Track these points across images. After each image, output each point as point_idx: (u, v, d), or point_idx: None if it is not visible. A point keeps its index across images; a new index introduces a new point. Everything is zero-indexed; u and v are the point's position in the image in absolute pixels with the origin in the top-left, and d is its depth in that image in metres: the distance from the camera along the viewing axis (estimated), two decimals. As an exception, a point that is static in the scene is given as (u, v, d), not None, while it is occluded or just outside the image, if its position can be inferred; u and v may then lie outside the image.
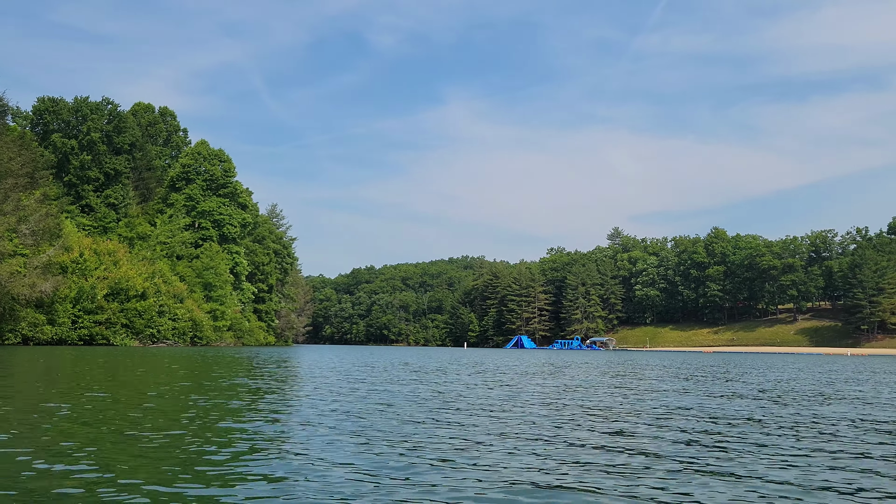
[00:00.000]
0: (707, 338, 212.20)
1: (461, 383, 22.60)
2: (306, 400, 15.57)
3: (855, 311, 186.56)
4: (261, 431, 10.38)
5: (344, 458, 8.35)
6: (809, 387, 24.56)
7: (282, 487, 6.77)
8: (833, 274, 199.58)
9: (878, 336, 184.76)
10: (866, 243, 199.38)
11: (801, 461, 8.82)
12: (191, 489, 6.61)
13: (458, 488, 6.92)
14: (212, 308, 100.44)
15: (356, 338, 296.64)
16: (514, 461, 8.43)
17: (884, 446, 10.27)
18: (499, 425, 11.67)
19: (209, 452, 8.51)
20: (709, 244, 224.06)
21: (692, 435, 10.95)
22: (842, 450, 9.82)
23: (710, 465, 8.44)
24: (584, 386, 22.69)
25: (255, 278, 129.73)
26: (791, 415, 14.40)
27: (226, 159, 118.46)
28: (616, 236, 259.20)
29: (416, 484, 7.05)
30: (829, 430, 11.93)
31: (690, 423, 12.58)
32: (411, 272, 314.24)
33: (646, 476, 7.71)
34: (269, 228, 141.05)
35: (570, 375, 30.13)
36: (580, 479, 7.46)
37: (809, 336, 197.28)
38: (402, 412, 13.27)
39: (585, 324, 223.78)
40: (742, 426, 12.22)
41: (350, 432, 10.43)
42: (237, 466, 7.71)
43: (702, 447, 9.77)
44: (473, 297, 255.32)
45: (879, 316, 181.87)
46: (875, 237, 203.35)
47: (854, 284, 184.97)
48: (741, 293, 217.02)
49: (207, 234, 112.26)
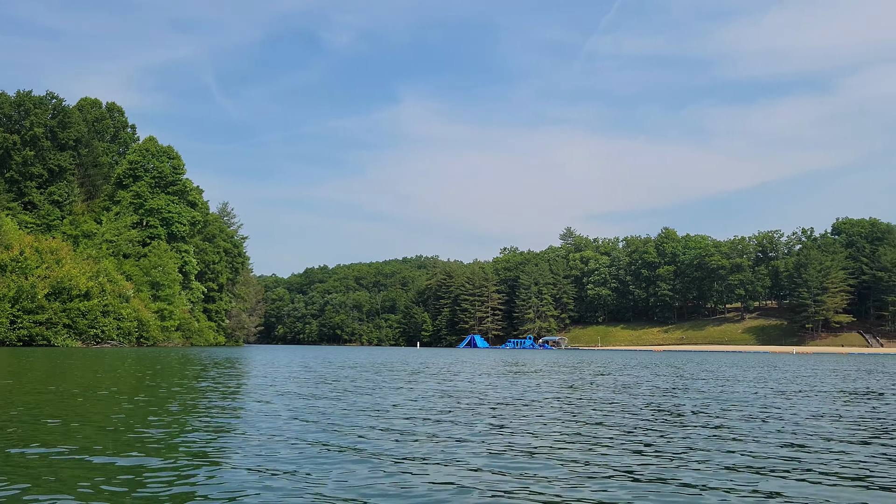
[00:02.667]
0: (657, 336, 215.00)
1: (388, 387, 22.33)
2: (216, 401, 15.19)
3: (800, 310, 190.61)
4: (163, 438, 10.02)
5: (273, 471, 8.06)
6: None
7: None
8: (779, 274, 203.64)
9: (821, 334, 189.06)
10: (811, 244, 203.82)
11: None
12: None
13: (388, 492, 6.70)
14: (159, 308, 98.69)
15: (309, 338, 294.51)
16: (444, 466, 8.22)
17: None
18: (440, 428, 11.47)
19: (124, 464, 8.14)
20: (659, 244, 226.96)
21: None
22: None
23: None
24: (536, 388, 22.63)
25: (205, 277, 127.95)
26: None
27: (175, 156, 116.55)
28: (568, 236, 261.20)
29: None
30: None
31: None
32: (365, 272, 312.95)
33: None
34: (219, 227, 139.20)
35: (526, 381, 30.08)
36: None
37: (756, 335, 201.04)
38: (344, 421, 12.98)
39: (538, 323, 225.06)
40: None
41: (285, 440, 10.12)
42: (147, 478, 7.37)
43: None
44: (427, 296, 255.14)
45: (823, 315, 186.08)
46: (819, 238, 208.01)
47: (799, 284, 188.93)
48: (690, 292, 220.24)
49: (155, 232, 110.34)
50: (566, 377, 28.56)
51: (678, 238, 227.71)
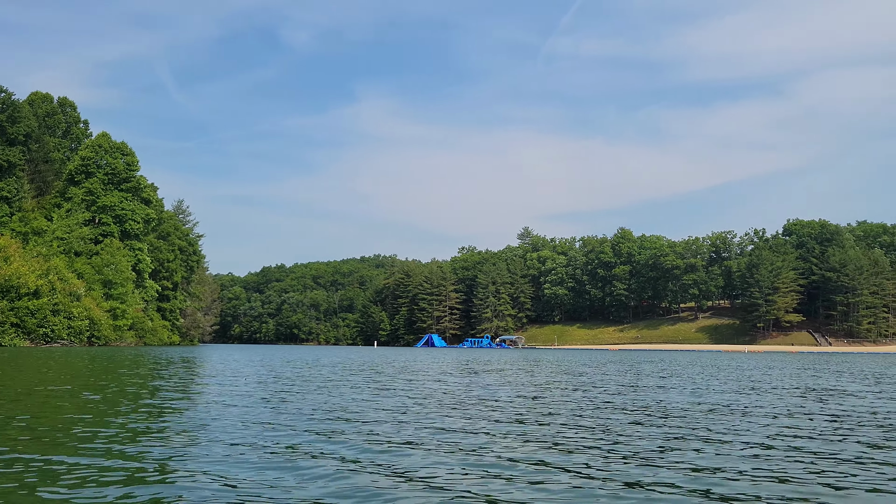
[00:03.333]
0: (613, 336, 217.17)
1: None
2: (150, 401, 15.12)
3: (752, 310, 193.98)
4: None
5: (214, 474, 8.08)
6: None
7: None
8: (732, 274, 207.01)
9: (772, 333, 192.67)
10: (763, 244, 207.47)
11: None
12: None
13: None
14: (112, 307, 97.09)
15: (266, 337, 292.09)
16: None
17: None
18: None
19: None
20: (615, 244, 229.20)
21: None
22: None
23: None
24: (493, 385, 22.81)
25: (160, 276, 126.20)
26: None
27: (128, 152, 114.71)
28: (526, 236, 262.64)
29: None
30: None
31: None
32: (323, 271, 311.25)
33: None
34: (174, 225, 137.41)
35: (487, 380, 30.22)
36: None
37: (709, 334, 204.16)
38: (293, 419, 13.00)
39: (495, 322, 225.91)
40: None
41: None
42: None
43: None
44: (385, 295, 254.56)
45: (774, 314, 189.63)
46: (771, 238, 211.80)
47: (751, 284, 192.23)
48: (646, 292, 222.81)
49: (108, 229, 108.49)
50: (525, 378, 28.78)
51: (634, 238, 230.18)
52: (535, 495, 6.66)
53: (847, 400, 18.08)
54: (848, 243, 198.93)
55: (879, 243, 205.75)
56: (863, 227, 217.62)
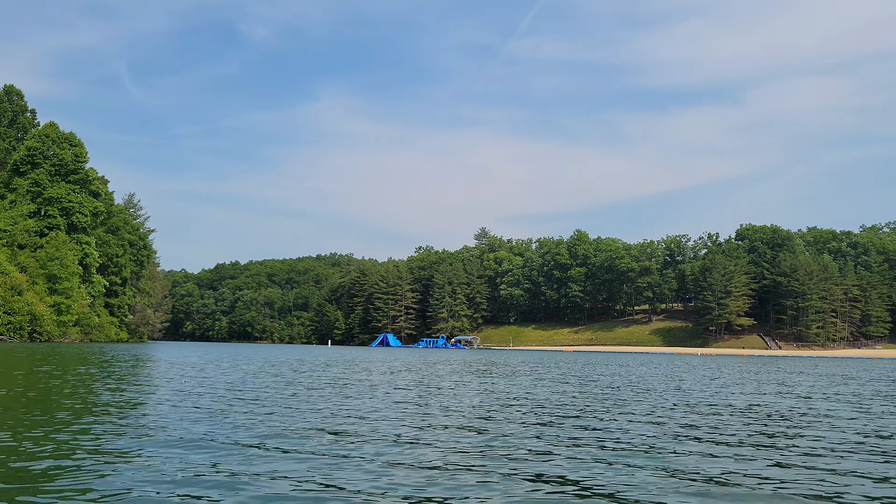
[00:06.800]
0: (568, 337, 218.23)
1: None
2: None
3: (705, 313, 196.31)
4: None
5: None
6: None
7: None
8: (686, 277, 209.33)
9: (724, 336, 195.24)
10: (716, 248, 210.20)
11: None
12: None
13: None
14: (56, 301, 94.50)
15: (219, 335, 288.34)
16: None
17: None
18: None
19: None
20: (571, 246, 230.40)
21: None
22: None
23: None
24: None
25: (108, 271, 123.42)
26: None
27: (77, 143, 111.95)
28: (483, 236, 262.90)
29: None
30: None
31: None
32: (278, 268, 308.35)
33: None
34: (124, 219, 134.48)
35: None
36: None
37: (663, 336, 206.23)
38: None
39: (451, 322, 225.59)
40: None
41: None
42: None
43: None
44: (340, 294, 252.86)
45: (726, 318, 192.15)
46: (724, 243, 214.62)
47: (704, 287, 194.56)
48: (601, 294, 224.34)
49: (54, 222, 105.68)
50: (474, 380, 28.33)
51: (590, 241, 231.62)
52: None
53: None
54: (798, 249, 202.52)
55: (829, 249, 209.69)
56: (813, 233, 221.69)
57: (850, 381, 32.97)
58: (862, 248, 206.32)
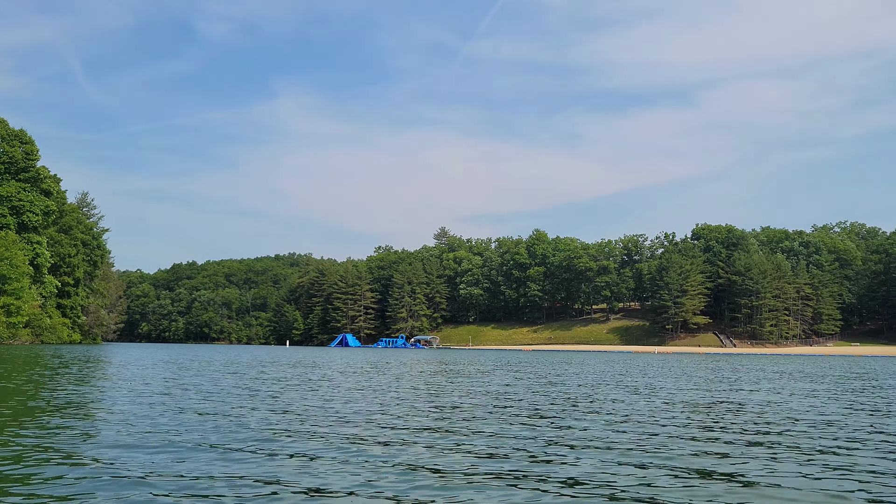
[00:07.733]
0: (527, 336, 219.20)
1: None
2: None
3: (661, 312, 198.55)
4: None
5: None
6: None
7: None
8: (643, 276, 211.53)
9: (680, 335, 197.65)
10: (672, 248, 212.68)
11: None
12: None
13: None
14: (5, 303, 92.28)
15: (175, 336, 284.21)
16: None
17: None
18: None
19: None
20: (530, 246, 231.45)
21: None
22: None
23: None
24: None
25: (60, 271, 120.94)
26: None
27: (28, 141, 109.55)
28: (442, 236, 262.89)
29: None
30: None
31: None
32: (236, 268, 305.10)
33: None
34: (76, 218, 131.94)
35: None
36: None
37: (620, 335, 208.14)
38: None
39: (411, 322, 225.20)
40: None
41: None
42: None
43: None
44: (299, 294, 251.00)
45: (682, 316, 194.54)
46: (680, 242, 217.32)
47: (661, 286, 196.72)
48: (559, 293, 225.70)
49: (4, 221, 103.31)
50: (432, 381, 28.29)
51: (548, 240, 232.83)
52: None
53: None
54: (752, 248, 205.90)
55: (782, 248, 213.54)
56: (766, 232, 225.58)
57: (821, 378, 33.56)
58: (814, 247, 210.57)
